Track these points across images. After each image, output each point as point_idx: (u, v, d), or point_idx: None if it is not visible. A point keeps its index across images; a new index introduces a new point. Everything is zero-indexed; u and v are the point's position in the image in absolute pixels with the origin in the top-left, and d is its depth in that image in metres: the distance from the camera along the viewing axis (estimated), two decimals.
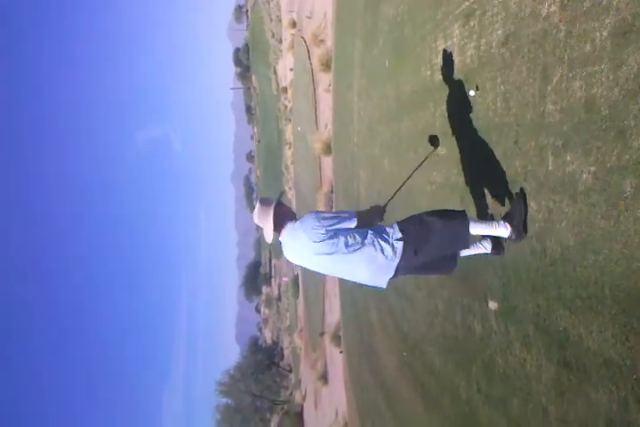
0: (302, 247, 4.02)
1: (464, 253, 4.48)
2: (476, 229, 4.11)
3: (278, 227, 4.08)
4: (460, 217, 4.11)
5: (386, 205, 4.31)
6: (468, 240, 4.20)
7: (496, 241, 4.43)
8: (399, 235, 3.93)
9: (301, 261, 4.18)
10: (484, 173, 4.99)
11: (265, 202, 4.13)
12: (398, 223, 4.05)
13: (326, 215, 3.96)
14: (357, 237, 3.89)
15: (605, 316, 3.14)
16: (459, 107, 5.55)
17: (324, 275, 4.39)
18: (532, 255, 4.03)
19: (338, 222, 3.90)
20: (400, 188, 4.71)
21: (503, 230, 4.12)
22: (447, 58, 5.93)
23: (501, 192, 4.50)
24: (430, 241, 4.01)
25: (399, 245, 3.89)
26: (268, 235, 4.14)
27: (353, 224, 3.94)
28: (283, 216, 4.08)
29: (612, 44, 3.03)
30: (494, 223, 4.14)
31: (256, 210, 4.11)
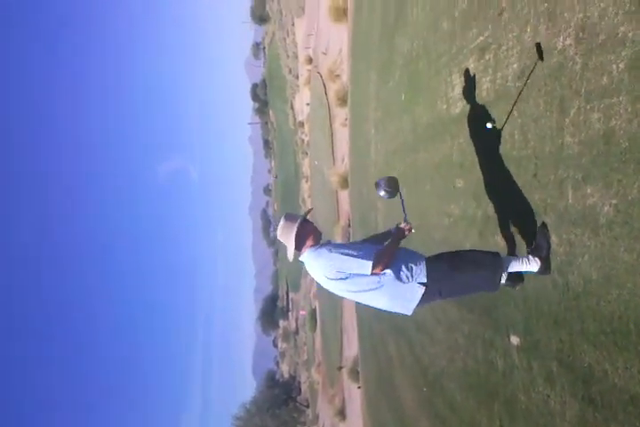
0: (321, 279, 3.98)
1: None
2: (508, 267, 4.01)
3: (299, 246, 3.98)
4: (494, 266, 3.93)
5: (409, 223, 4.14)
6: (498, 287, 4.07)
7: (514, 273, 4.35)
8: (424, 279, 3.78)
9: (322, 284, 4.11)
10: (502, 206, 4.96)
11: (290, 218, 4.02)
12: (427, 264, 3.86)
13: (341, 255, 3.78)
14: (373, 279, 3.78)
15: (631, 351, 3.06)
16: (475, 140, 5.56)
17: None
18: (554, 289, 3.96)
19: (350, 268, 3.75)
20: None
21: (534, 266, 4.02)
22: (463, 91, 5.97)
23: (522, 226, 4.46)
24: (458, 289, 3.95)
25: (420, 291, 3.76)
26: (290, 253, 4.03)
27: (367, 271, 3.71)
28: (305, 235, 3.97)
29: (629, 76, 3.03)
30: (525, 259, 4.02)
31: (280, 225, 4.01)
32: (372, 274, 3.75)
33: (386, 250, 3.88)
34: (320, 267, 3.88)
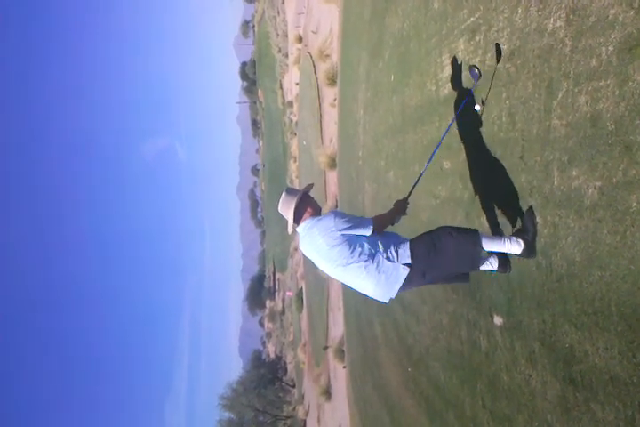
0: (317, 251, 4.00)
1: None
2: (489, 245, 4.04)
3: (298, 219, 4.08)
4: (473, 239, 3.98)
5: (408, 197, 4.29)
6: (479, 264, 4.13)
7: (503, 258, 4.38)
8: (408, 260, 3.84)
9: (313, 260, 4.16)
10: (489, 187, 4.98)
11: (291, 192, 4.13)
12: (410, 244, 3.94)
13: (344, 218, 3.90)
14: (367, 250, 3.84)
15: (611, 332, 3.11)
16: (464, 121, 5.55)
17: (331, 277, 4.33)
18: (537, 271, 4.00)
19: (353, 227, 3.86)
20: (420, 177, 4.65)
21: (516, 247, 4.05)
22: (452, 73, 5.95)
23: (507, 207, 4.48)
24: (441, 266, 3.97)
25: (405, 272, 3.82)
26: (289, 226, 4.14)
27: (368, 232, 3.89)
28: (304, 209, 4.08)
29: (617, 59, 3.03)
30: (507, 240, 4.06)
31: (281, 199, 4.10)
32: (371, 238, 3.90)
33: (384, 215, 4.12)
34: (320, 231, 3.90)
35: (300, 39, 42.25)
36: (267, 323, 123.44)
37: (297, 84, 45.25)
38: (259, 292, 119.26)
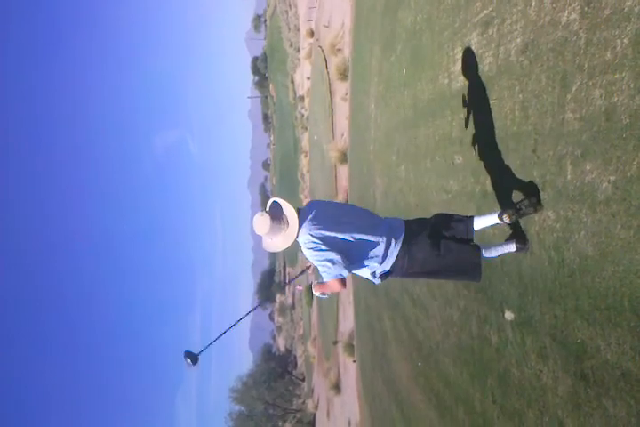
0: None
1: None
2: (490, 253, 4.22)
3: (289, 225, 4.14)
4: (474, 269, 4.01)
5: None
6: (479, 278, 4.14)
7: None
8: (386, 269, 3.99)
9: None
10: (501, 182, 4.94)
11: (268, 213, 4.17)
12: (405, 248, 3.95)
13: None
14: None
15: (624, 328, 3.08)
16: (476, 115, 5.52)
17: None
18: (549, 265, 3.97)
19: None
20: None
21: (511, 246, 4.27)
22: (465, 66, 5.91)
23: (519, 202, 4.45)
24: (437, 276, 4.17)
25: (377, 282, 4.08)
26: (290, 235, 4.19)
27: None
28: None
29: (633, 52, 3.00)
30: (502, 245, 4.30)
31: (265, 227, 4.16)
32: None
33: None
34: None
35: (311, 33, 42.23)
36: (277, 317, 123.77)
37: (308, 78, 45.20)
38: (269, 286, 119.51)
